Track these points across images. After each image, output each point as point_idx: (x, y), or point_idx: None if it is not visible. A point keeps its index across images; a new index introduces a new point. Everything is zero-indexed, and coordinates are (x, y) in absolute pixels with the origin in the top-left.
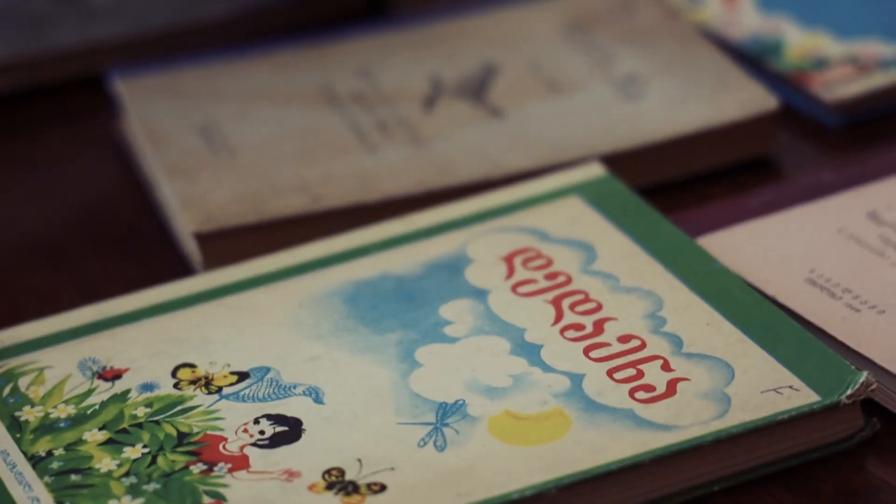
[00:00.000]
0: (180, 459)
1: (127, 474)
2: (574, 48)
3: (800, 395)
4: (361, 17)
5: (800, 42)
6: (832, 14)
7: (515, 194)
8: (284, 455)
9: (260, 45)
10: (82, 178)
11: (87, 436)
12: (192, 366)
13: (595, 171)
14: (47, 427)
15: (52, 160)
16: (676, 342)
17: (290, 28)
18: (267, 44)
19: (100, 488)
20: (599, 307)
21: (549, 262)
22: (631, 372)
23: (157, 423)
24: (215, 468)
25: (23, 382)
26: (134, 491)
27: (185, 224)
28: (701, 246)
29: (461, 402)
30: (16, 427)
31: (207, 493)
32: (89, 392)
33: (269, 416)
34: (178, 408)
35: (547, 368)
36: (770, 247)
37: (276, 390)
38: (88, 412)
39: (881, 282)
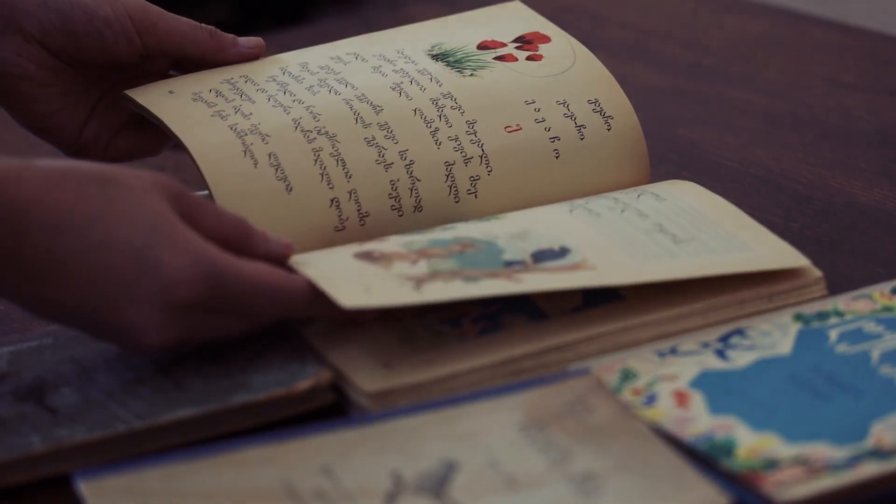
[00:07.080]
0: None
1: None
2: (532, 445)
3: None
4: (323, 415)
5: (750, 443)
6: (781, 418)
7: None
8: None
9: (222, 442)
10: None
11: None
12: None
13: None
14: None
15: None
16: None
17: (252, 426)
18: (229, 441)
19: None
20: None
21: None
22: None
23: None
24: None
25: None
26: None
27: None
28: None
29: None
30: None
31: None
32: None
33: None
34: None
35: None
36: None
37: None
38: None
39: None
